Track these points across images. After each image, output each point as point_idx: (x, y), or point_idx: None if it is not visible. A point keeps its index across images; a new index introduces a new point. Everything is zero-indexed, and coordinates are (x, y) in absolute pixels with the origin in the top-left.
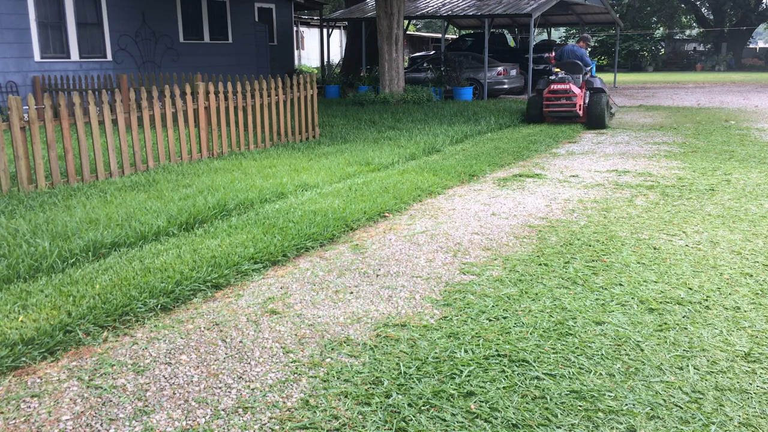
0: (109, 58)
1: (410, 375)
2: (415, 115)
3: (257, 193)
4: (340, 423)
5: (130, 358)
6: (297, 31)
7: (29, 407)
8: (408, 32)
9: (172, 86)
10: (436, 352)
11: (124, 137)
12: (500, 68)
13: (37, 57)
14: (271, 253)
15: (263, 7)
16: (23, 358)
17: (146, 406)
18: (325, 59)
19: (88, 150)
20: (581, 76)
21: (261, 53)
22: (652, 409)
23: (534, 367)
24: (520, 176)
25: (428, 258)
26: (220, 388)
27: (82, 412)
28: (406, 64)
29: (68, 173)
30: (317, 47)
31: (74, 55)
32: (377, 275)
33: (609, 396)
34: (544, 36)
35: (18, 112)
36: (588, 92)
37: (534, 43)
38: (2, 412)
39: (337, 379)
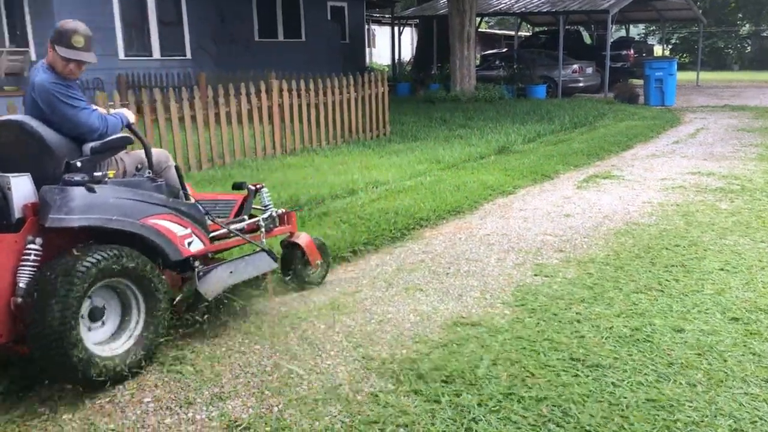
0: (189, 56)
1: (480, 375)
2: (487, 114)
3: (328, 189)
4: (408, 419)
5: (207, 345)
6: (368, 29)
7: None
8: (480, 29)
9: (248, 84)
10: (506, 353)
11: (202, 133)
12: (575, 66)
13: (121, 55)
14: (340, 248)
15: (336, 6)
16: None
17: (222, 392)
18: (396, 57)
19: (169, 145)
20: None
21: (333, 51)
22: (735, 422)
23: (609, 373)
24: (595, 177)
25: (499, 258)
26: (292, 378)
27: (162, 395)
28: (477, 61)
29: None
30: (388, 45)
31: (156, 53)
32: (447, 274)
33: (689, 406)
34: (623, 33)
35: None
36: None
37: (611, 40)
38: None
39: (407, 375)
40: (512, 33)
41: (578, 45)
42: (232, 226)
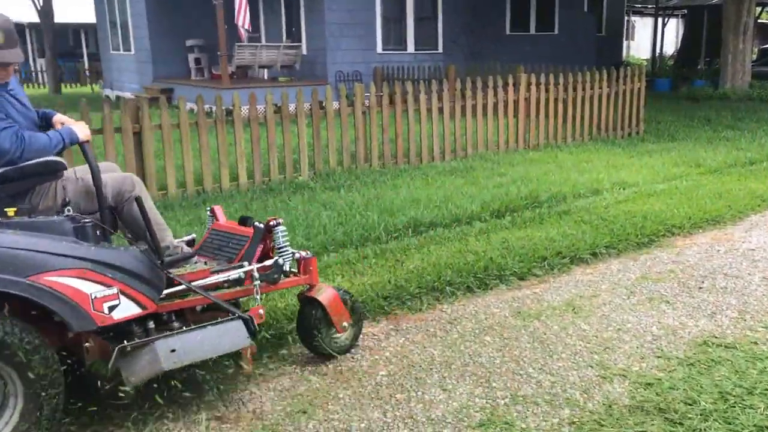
0: (440, 50)
1: (733, 402)
2: (761, 114)
3: (570, 187)
4: None
5: (439, 330)
6: (628, 21)
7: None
8: (760, 20)
9: (495, 77)
10: (765, 383)
11: (448, 124)
12: None
13: (379, 49)
14: (579, 249)
15: None
16: None
17: (450, 376)
18: (658, 51)
19: (415, 135)
20: None
21: (587, 44)
22: None
23: None
24: None
25: (765, 276)
26: (520, 375)
27: (396, 371)
28: (753, 56)
29: (397, 155)
30: (649, 38)
31: (410, 47)
32: (699, 288)
33: None
34: None
35: (361, 98)
36: None
37: None
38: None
39: (645, 390)
40: None
41: None
42: (215, 277)
